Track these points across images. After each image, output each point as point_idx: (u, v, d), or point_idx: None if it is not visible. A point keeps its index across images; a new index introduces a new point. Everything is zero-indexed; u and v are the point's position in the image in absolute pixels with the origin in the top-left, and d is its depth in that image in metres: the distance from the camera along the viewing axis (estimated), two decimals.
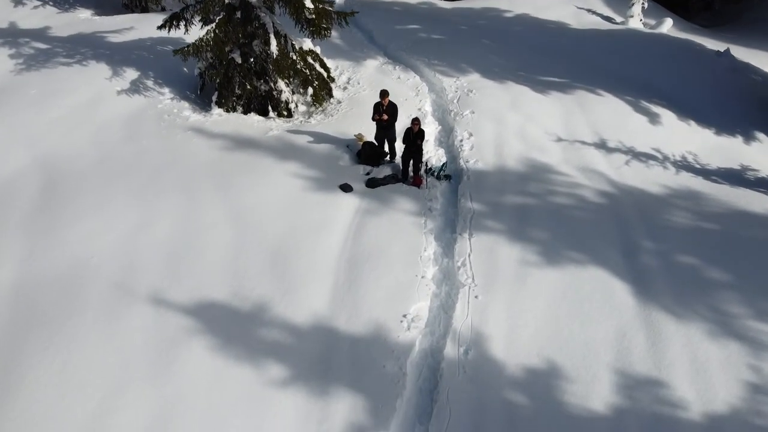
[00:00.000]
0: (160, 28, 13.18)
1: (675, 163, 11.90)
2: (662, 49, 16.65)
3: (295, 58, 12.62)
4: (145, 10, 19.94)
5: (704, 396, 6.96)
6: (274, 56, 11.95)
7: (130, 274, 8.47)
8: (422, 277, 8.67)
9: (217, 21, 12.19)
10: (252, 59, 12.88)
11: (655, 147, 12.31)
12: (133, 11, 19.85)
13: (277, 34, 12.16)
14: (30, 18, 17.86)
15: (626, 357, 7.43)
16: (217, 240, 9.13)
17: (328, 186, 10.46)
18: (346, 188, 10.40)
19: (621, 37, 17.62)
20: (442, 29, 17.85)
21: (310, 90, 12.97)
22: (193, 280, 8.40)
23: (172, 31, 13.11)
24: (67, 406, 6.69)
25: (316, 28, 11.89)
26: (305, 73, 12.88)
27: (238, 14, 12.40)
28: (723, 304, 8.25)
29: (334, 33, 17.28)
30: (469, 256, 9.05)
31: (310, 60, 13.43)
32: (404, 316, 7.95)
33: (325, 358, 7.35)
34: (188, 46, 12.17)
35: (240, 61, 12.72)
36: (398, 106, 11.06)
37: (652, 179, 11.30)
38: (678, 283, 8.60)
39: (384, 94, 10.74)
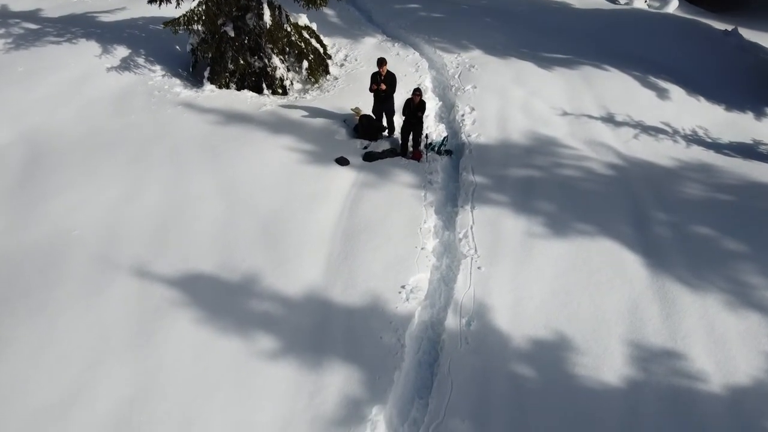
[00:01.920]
0: (150, 2, 12.76)
1: (685, 137, 11.43)
2: (668, 28, 16.17)
3: (289, 29, 12.17)
4: None
5: (724, 368, 6.50)
6: (268, 26, 11.49)
7: (114, 246, 8.03)
8: (422, 248, 8.22)
9: None
10: (246, 35, 12.44)
11: (664, 121, 11.85)
12: None
13: (270, 5, 11.71)
14: (22, 1, 17.42)
15: (640, 329, 6.98)
16: (205, 212, 8.69)
17: (323, 159, 10.01)
18: (342, 161, 9.95)
19: (626, 15, 17.14)
20: (442, 8, 17.38)
21: (305, 63, 12.51)
22: (179, 251, 7.95)
23: (165, 8, 12.73)
24: (46, 379, 6.26)
25: None
26: (300, 45, 12.43)
27: None
28: (740, 274, 7.80)
29: (331, 11, 16.98)
30: (472, 228, 8.60)
31: (305, 35, 12.99)
32: (403, 287, 7.50)
33: (319, 329, 6.91)
34: (179, 17, 11.73)
35: (233, 35, 12.27)
36: (397, 80, 10.62)
37: (662, 152, 10.83)
38: (692, 254, 8.15)
39: (381, 62, 10.28)
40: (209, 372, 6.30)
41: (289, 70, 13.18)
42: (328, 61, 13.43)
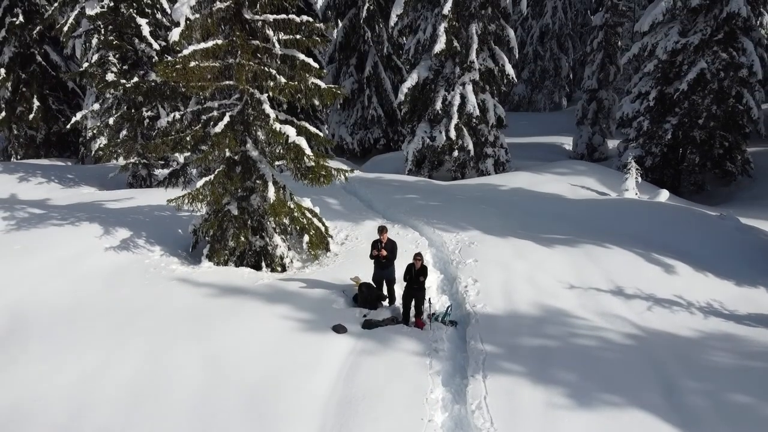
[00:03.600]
0: (158, 185, 13.16)
1: (701, 309, 10.88)
2: (664, 213, 16.55)
3: (292, 206, 12.32)
4: (149, 187, 20.41)
5: None
6: (271, 201, 11.61)
7: (77, 417, 7.10)
8: (429, 420, 7.19)
9: (216, 173, 12.11)
10: (249, 215, 12.58)
11: (676, 294, 11.38)
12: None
13: (275, 183, 11.99)
14: (32, 191, 18.18)
15: None
16: (185, 381, 7.82)
17: (319, 327, 9.35)
18: (339, 329, 9.27)
19: (620, 203, 17.69)
20: (439, 198, 18.03)
21: (306, 237, 12.44)
22: (149, 423, 6.95)
23: (172, 193, 13.09)
24: None
25: (315, 175, 11.75)
26: (302, 222, 12.48)
27: (238, 168, 12.36)
28: None
29: (333, 200, 17.56)
30: (485, 398, 7.63)
31: (308, 214, 13.15)
32: None
33: None
34: (184, 195, 11.91)
35: (236, 213, 12.38)
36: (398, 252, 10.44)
37: (680, 324, 10.20)
38: (734, 422, 7.17)
39: (382, 229, 10.20)
40: None
41: (290, 249, 13.11)
42: (329, 240, 13.42)
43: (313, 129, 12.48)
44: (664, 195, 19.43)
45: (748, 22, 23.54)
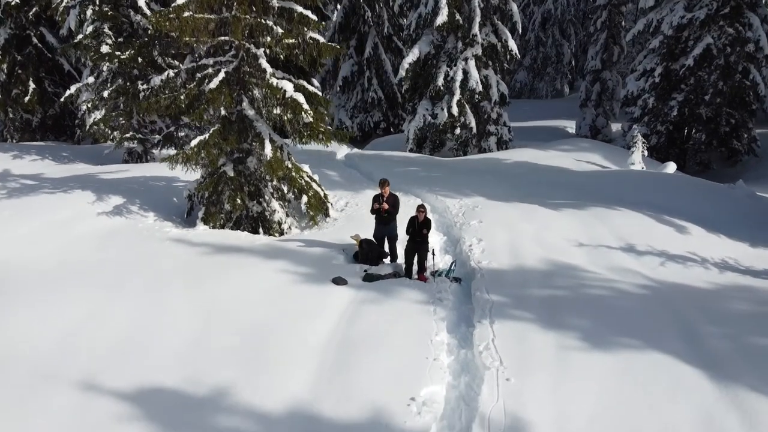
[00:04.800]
0: (152, 147, 12.75)
1: (716, 265, 10.45)
2: (673, 182, 16.12)
3: (290, 166, 11.90)
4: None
5: None
6: (269, 158, 11.19)
7: (63, 359, 6.69)
8: (434, 359, 6.77)
9: (211, 132, 11.70)
10: (245, 178, 12.17)
11: (689, 251, 10.96)
12: None
13: (272, 141, 11.57)
14: (26, 167, 17.76)
15: None
16: (178, 327, 7.42)
17: (319, 280, 8.93)
18: (339, 281, 8.86)
19: (628, 173, 17.28)
20: (441, 171, 17.64)
21: (305, 198, 12.02)
22: (138, 365, 6.54)
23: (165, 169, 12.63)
24: None
25: (314, 132, 11.33)
26: (300, 183, 12.06)
27: (234, 128, 11.94)
28: None
29: (333, 172, 17.16)
30: (493, 341, 7.21)
31: (306, 177, 12.74)
32: (412, 399, 5.95)
33: None
34: (177, 153, 11.49)
35: (232, 174, 11.97)
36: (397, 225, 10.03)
37: (695, 277, 9.78)
38: (761, 363, 6.70)
39: (384, 182, 9.78)
40: None
41: (288, 215, 12.70)
42: (329, 206, 13.01)
43: (311, 88, 12.06)
44: (671, 167, 19.01)
45: None
